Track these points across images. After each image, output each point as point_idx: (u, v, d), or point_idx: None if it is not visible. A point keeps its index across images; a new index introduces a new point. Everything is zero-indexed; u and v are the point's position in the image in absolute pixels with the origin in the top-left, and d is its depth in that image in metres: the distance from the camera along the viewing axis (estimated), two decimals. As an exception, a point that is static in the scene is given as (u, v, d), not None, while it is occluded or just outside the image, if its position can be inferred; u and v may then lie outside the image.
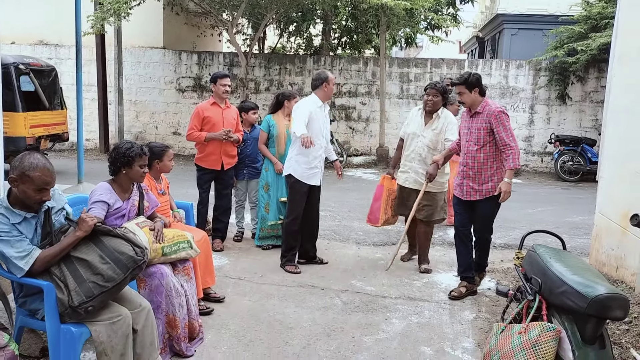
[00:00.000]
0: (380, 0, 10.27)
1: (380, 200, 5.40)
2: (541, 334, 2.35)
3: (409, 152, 5.21)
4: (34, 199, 2.77)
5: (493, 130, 4.32)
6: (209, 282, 4.33)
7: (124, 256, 2.82)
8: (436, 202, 5.14)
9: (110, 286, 2.76)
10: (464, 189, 4.52)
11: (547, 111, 12.72)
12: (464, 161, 4.52)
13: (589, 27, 11.86)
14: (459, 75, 4.54)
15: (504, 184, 4.26)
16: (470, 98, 4.41)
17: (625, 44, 5.03)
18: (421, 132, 5.13)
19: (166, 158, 4.27)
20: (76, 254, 2.83)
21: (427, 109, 5.13)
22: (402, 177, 5.26)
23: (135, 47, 13.42)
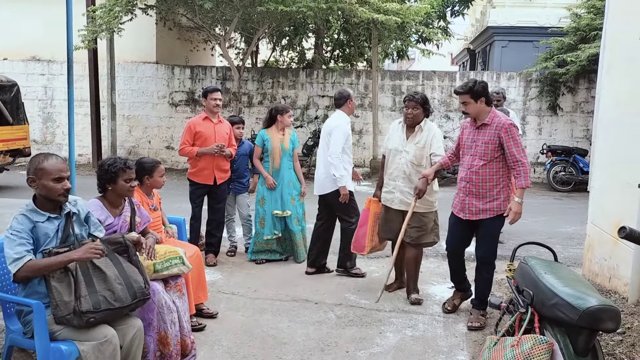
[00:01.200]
0: (371, 15, 10.35)
1: (366, 226, 4.92)
2: (534, 347, 2.34)
3: (392, 170, 4.76)
4: (56, 190, 2.86)
5: (502, 145, 4.00)
6: (201, 297, 4.30)
7: (137, 285, 2.94)
8: (426, 223, 4.67)
9: (117, 306, 2.82)
10: (466, 207, 4.18)
11: (538, 122, 12.81)
12: (466, 177, 4.15)
13: (578, 38, 11.99)
14: (462, 84, 4.17)
15: (514, 204, 3.95)
16: (476, 108, 4.07)
17: (613, 55, 5.09)
18: (403, 147, 4.69)
19: (156, 174, 4.25)
20: (96, 263, 2.88)
21: (407, 122, 4.70)
22: (386, 198, 4.82)
23: (128, 62, 13.45)
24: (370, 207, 4.94)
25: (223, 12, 11.24)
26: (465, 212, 4.20)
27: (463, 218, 4.22)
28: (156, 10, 12.19)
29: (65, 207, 2.95)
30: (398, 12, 10.64)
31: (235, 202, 6.12)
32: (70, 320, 2.71)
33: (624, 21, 4.86)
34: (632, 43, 4.59)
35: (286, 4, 10.09)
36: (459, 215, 4.26)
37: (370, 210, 4.93)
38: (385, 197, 4.84)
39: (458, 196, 4.28)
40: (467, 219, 4.20)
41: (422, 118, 4.67)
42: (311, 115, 13.35)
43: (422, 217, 4.65)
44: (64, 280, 2.75)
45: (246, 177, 6.11)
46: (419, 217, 4.61)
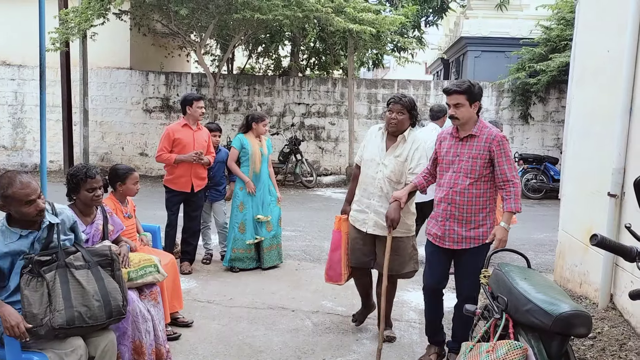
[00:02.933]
0: (347, 25, 10.43)
1: (340, 250, 4.15)
2: (508, 352, 2.38)
3: (366, 185, 3.98)
4: (30, 213, 2.72)
5: (492, 160, 3.40)
6: (176, 306, 4.25)
7: (115, 303, 2.85)
8: (404, 250, 3.97)
9: (91, 324, 2.74)
10: (446, 234, 3.52)
11: (510, 131, 13.05)
12: (448, 198, 3.48)
13: (549, 49, 12.29)
14: (457, 81, 3.53)
15: (499, 230, 3.36)
16: (469, 114, 3.43)
17: (582, 67, 5.23)
18: (381, 159, 3.92)
19: (130, 181, 4.20)
20: (77, 275, 2.79)
21: (390, 129, 3.92)
22: (357, 218, 4.04)
23: (101, 67, 13.28)
24: (341, 226, 4.19)
25: (199, 19, 11.20)
26: (445, 240, 3.54)
27: (442, 246, 3.57)
28: (130, 15, 12.07)
29: (44, 222, 2.83)
30: (373, 23, 10.74)
31: (212, 210, 6.09)
32: (36, 332, 2.64)
33: (593, 35, 5.01)
34: (600, 56, 4.73)
35: (263, 12, 10.10)
36: (437, 243, 3.60)
37: (342, 231, 4.17)
38: (356, 216, 4.05)
39: (436, 221, 3.60)
40: (446, 247, 3.56)
41: (407, 126, 3.93)
42: (287, 122, 13.36)
43: (400, 242, 3.94)
44: (38, 290, 2.67)
45: (223, 184, 6.08)
46: (395, 243, 3.88)
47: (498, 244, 3.36)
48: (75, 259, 2.86)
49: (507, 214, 3.39)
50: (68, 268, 2.79)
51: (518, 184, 3.40)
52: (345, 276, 4.17)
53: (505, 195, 3.40)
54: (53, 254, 2.80)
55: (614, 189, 4.20)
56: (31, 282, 2.69)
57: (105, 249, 3.04)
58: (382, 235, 3.89)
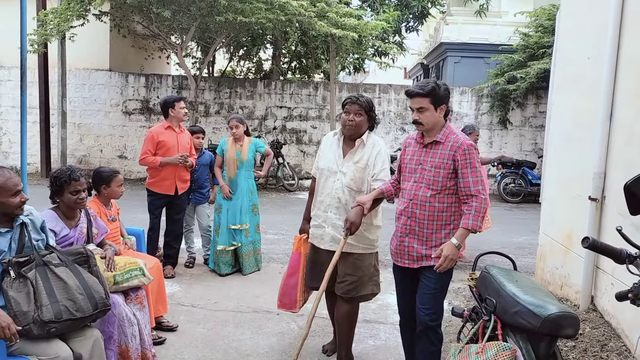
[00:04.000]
0: (329, 29, 10.47)
1: (298, 275, 3.76)
2: (498, 354, 2.42)
3: (323, 197, 3.60)
4: (14, 204, 2.77)
5: (457, 171, 3.06)
6: (161, 310, 4.22)
7: (98, 295, 2.86)
8: (363, 269, 3.52)
9: (78, 316, 2.74)
10: (405, 251, 3.18)
11: (489, 135, 13.23)
12: (408, 211, 3.14)
13: (527, 55, 12.49)
14: (420, 83, 3.16)
15: (448, 246, 2.97)
16: (434, 119, 3.07)
17: (563, 73, 5.33)
18: (339, 167, 3.56)
19: (114, 184, 4.16)
20: (57, 272, 2.79)
21: (346, 132, 3.56)
22: (314, 234, 3.67)
23: (80, 69, 13.09)
24: (301, 247, 3.79)
25: (180, 21, 11.12)
26: (404, 258, 3.19)
27: (401, 265, 3.24)
28: (110, 17, 11.94)
29: (18, 218, 2.84)
30: (355, 28, 10.80)
31: (195, 213, 6.05)
32: (29, 330, 2.61)
33: (574, 42, 5.12)
34: (581, 63, 4.83)
35: (245, 15, 10.08)
36: (397, 262, 3.27)
37: (302, 253, 3.78)
38: (313, 232, 3.68)
39: (395, 237, 3.26)
40: (406, 266, 3.21)
41: (365, 129, 3.58)
42: (269, 125, 13.34)
43: (358, 260, 3.51)
44: (22, 290, 2.66)
45: (206, 187, 6.05)
46: (353, 260, 3.48)
47: (443, 261, 2.94)
48: (52, 258, 2.85)
49: (462, 231, 2.98)
50: (47, 266, 2.80)
51: (483, 200, 2.99)
52: (301, 303, 3.84)
53: (465, 210, 3.02)
54: (29, 255, 2.79)
55: (594, 192, 4.29)
56: (14, 284, 2.67)
57: (79, 248, 3.04)
58: (344, 252, 3.44)
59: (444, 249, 2.98)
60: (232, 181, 5.71)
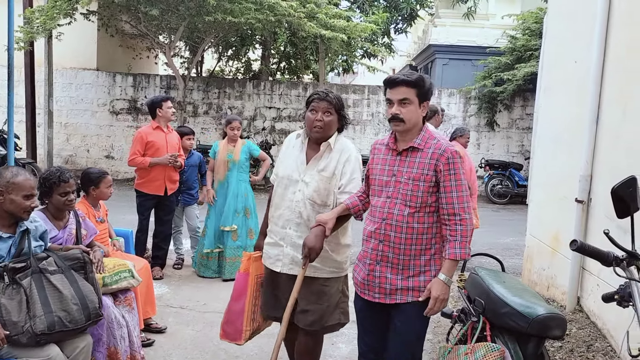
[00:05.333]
0: (319, 30, 10.49)
1: (244, 299, 3.12)
2: (486, 355, 2.44)
3: (281, 211, 3.00)
4: (24, 207, 2.75)
5: (438, 183, 2.52)
6: (149, 312, 4.20)
7: (92, 305, 2.83)
8: (329, 296, 2.98)
9: (71, 327, 2.71)
10: (375, 282, 2.61)
11: (477, 137, 13.33)
12: (380, 233, 2.58)
13: (515, 58, 12.62)
14: (404, 72, 2.68)
15: (436, 286, 2.47)
16: (416, 116, 2.55)
17: (550, 77, 5.40)
18: (301, 175, 2.98)
19: (103, 185, 4.12)
20: (52, 281, 2.75)
21: (313, 134, 2.98)
22: (270, 254, 3.05)
23: (67, 68, 12.99)
24: (250, 267, 3.14)
25: (168, 21, 11.07)
26: (374, 290, 2.62)
27: (371, 300, 2.64)
28: (98, 16, 11.85)
29: (22, 225, 2.81)
30: (345, 29, 10.83)
31: (184, 214, 6.03)
32: (17, 340, 2.58)
33: (561, 45, 5.18)
34: (568, 66, 4.89)
35: (234, 15, 10.07)
36: (365, 296, 2.67)
37: (251, 274, 3.14)
38: (269, 252, 3.06)
39: (364, 264, 2.67)
40: (377, 301, 2.62)
41: (334, 131, 3.02)
42: (258, 126, 13.32)
43: (324, 286, 2.96)
44: (14, 298, 2.62)
45: (195, 188, 6.03)
46: (319, 287, 2.93)
47: (434, 304, 2.47)
48: (49, 264, 2.81)
49: (449, 263, 2.48)
50: (43, 273, 2.75)
51: (468, 221, 2.48)
52: (248, 334, 3.18)
53: (449, 235, 2.49)
54: (26, 260, 2.74)
55: (581, 195, 4.34)
56: (7, 290, 2.63)
57: (76, 253, 3.00)
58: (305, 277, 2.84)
59: (432, 288, 2.47)
60: (221, 183, 5.68)
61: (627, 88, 3.92)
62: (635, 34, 3.88)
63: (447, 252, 2.48)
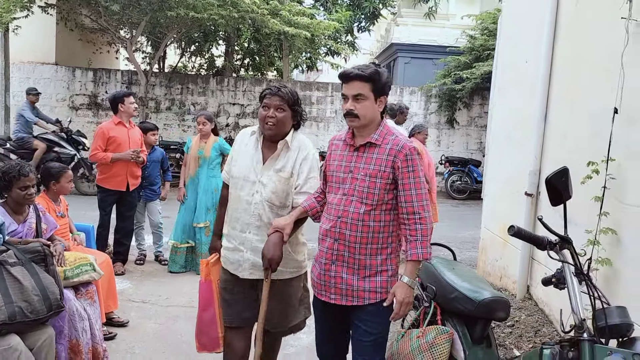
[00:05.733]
0: (282, 27, 10.56)
1: (213, 307, 2.98)
2: (436, 337, 2.59)
3: (238, 214, 2.85)
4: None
5: (396, 181, 2.46)
6: (111, 306, 4.22)
7: (53, 296, 2.86)
8: (293, 296, 2.94)
9: (32, 318, 2.74)
10: (330, 282, 2.55)
11: (437, 134, 13.64)
12: (335, 231, 2.51)
13: (473, 57, 12.96)
14: (360, 65, 2.58)
15: (400, 289, 2.40)
16: (372, 111, 2.49)
17: (504, 76, 5.63)
18: (257, 175, 2.82)
19: (63, 180, 4.13)
20: (13, 272, 2.77)
21: (266, 132, 2.83)
22: (229, 259, 2.90)
23: (24, 62, 12.66)
24: (210, 274, 3.00)
25: (130, 15, 10.94)
26: (329, 291, 2.56)
27: (327, 301, 2.58)
28: (57, 9, 11.61)
29: None
30: (308, 27, 10.93)
31: (146, 209, 6.02)
32: None
33: (514, 45, 5.40)
34: (520, 66, 5.12)
35: (197, 10, 10.03)
36: (321, 297, 2.61)
37: (214, 280, 3.01)
38: (228, 257, 2.91)
39: (320, 264, 2.61)
40: (333, 302, 2.56)
41: (289, 127, 2.87)
42: (222, 123, 13.29)
43: (288, 286, 2.90)
44: None
45: (157, 184, 6.04)
46: (282, 287, 2.84)
47: (399, 308, 2.39)
48: (8, 257, 2.84)
49: (411, 265, 2.41)
50: (2, 265, 2.78)
51: (427, 220, 2.41)
52: None
53: (409, 235, 2.42)
54: None
55: (530, 189, 4.57)
56: None
57: (36, 246, 3.02)
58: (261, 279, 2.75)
59: (396, 292, 2.40)
60: (192, 179, 5.71)
61: (573, 88, 4.15)
62: (581, 37, 4.10)
63: (409, 253, 2.41)
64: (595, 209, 3.42)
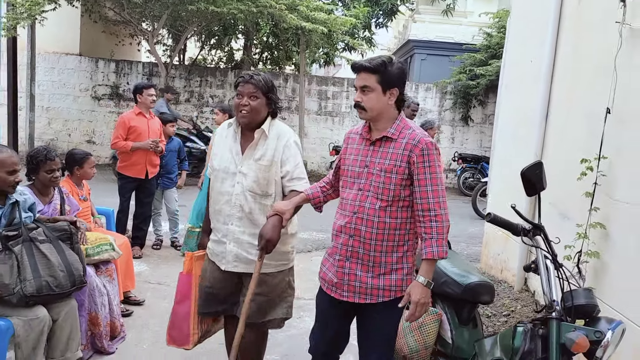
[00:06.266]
0: (300, 22, 10.75)
1: (190, 301, 2.98)
2: (426, 317, 2.79)
3: (220, 206, 2.86)
4: (9, 182, 3.01)
5: (412, 176, 2.40)
6: (129, 285, 4.49)
7: (77, 273, 3.12)
8: (274, 287, 2.86)
9: (57, 292, 3.00)
10: (345, 280, 2.51)
11: (452, 131, 13.75)
12: (350, 227, 2.47)
13: (489, 55, 13.02)
14: (369, 58, 2.52)
15: (415, 289, 2.36)
16: (379, 104, 2.43)
17: (510, 75, 5.78)
18: (237, 166, 2.83)
19: (87, 165, 4.41)
20: (42, 249, 3.03)
21: (241, 120, 2.82)
22: (213, 251, 2.93)
23: (49, 52, 13.06)
24: (192, 267, 3.00)
25: (152, 8, 11.24)
26: (342, 288, 2.52)
27: (339, 298, 2.54)
28: (82, 1, 11.96)
29: (11, 197, 3.08)
30: (325, 22, 11.10)
31: (163, 197, 6.29)
32: (9, 300, 2.86)
33: (520, 44, 5.55)
34: (525, 65, 5.26)
35: (217, 5, 10.27)
36: (331, 293, 2.57)
37: (194, 274, 3.00)
38: (213, 249, 2.93)
39: (333, 260, 2.57)
40: (345, 300, 2.53)
41: (264, 115, 2.84)
42: (238, 115, 13.55)
43: (270, 278, 2.83)
44: (6, 263, 2.90)
45: (174, 172, 6.30)
46: (264, 279, 2.78)
47: (415, 309, 2.35)
48: (38, 234, 3.09)
49: (426, 264, 2.37)
50: (33, 242, 3.03)
51: (443, 217, 2.36)
52: (196, 337, 3.01)
53: (424, 233, 2.37)
54: (18, 229, 3.02)
55: (530, 185, 4.72)
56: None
57: (64, 225, 3.29)
58: (245, 273, 2.80)
59: (411, 292, 2.35)
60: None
61: (572, 89, 4.30)
62: (581, 38, 4.25)
63: (424, 251, 2.35)
64: (587, 204, 3.59)
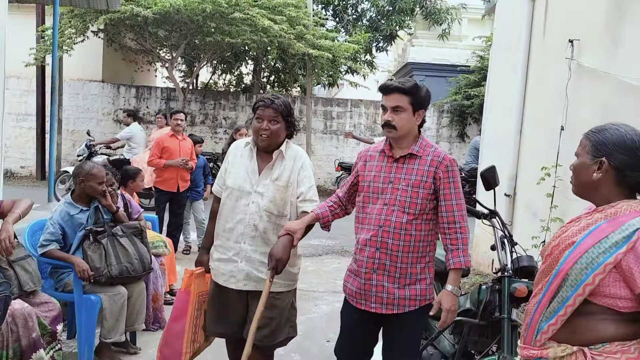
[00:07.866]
0: (306, 49, 11.73)
1: (185, 320, 2.97)
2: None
3: (232, 224, 2.88)
4: (98, 190, 3.88)
5: (437, 191, 2.56)
6: (172, 279, 5.34)
7: (146, 261, 3.96)
8: (281, 310, 2.88)
9: (133, 275, 3.85)
10: (373, 292, 2.60)
11: (449, 147, 14.65)
12: (377, 240, 2.58)
13: (482, 76, 13.95)
14: (399, 80, 2.66)
15: (446, 298, 2.50)
16: (409, 124, 2.60)
17: (492, 99, 6.71)
18: (253, 185, 2.89)
19: (139, 179, 5.33)
20: (121, 241, 3.87)
21: (260, 144, 2.91)
22: (221, 270, 2.91)
23: (74, 79, 14.07)
24: (192, 285, 3.00)
25: (170, 38, 12.25)
26: (370, 300, 2.61)
27: (369, 310, 2.62)
28: (105, 33, 13.01)
29: (94, 202, 3.96)
30: (330, 49, 12.08)
31: (192, 208, 7.16)
32: (99, 280, 3.73)
33: (499, 72, 6.48)
34: (503, 89, 6.19)
35: (232, 36, 11.26)
36: (358, 305, 2.65)
37: (193, 292, 2.99)
38: (220, 268, 2.92)
39: (358, 273, 2.65)
40: (374, 311, 2.61)
41: (283, 138, 2.95)
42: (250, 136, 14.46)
43: (277, 299, 2.85)
44: (96, 252, 3.76)
45: (201, 186, 7.18)
46: (271, 299, 2.74)
47: (446, 316, 2.47)
48: (117, 230, 3.97)
49: (454, 273, 2.52)
50: (114, 236, 3.90)
51: (466, 229, 2.54)
52: (188, 356, 2.99)
53: (450, 245, 2.53)
54: (103, 226, 3.91)
55: (508, 190, 5.62)
56: (91, 246, 3.78)
57: (135, 224, 4.17)
58: (255, 291, 2.80)
59: (442, 301, 2.47)
60: None
61: (538, 110, 5.22)
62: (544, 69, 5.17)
63: (452, 261, 2.51)
64: (549, 203, 4.48)
